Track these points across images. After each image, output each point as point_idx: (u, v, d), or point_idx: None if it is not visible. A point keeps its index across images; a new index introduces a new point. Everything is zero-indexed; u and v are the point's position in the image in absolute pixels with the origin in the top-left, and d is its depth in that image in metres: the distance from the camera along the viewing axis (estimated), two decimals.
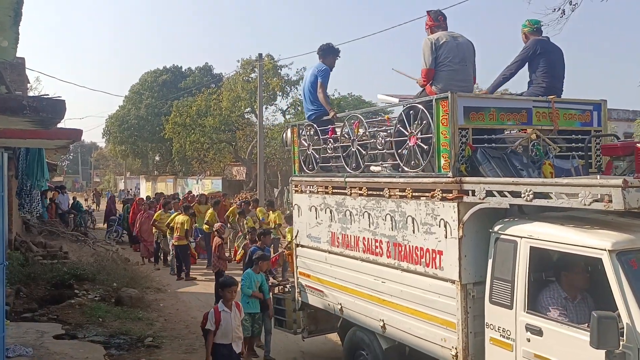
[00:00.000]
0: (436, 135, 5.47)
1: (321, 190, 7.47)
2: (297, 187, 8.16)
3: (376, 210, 6.39)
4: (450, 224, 5.34)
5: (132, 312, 10.57)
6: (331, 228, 7.27)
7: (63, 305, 10.24)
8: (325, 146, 7.46)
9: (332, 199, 7.21)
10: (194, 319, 10.71)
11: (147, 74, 50.38)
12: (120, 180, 62.31)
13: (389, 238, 6.21)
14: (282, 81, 33.31)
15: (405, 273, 5.96)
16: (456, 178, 5.27)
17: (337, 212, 7.13)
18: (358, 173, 6.75)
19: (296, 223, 8.23)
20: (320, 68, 7.74)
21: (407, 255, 5.93)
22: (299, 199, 8.09)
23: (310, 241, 7.77)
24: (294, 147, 8.23)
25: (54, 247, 15.14)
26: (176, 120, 37.00)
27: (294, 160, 8.28)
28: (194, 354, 8.60)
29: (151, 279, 14.28)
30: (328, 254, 7.35)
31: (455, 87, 5.82)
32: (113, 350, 8.34)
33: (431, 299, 5.60)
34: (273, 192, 30.95)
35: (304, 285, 7.97)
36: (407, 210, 5.90)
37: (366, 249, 6.59)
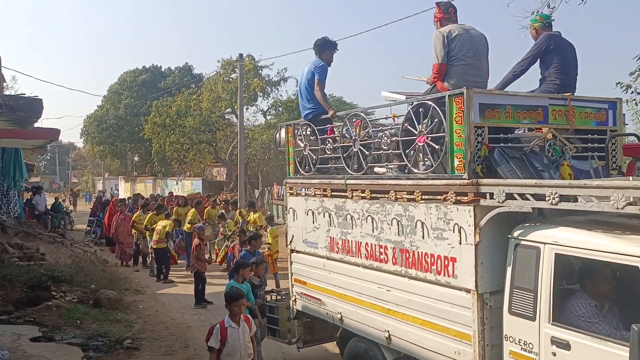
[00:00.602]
0: (449, 134, 5.11)
1: (319, 192, 7.07)
2: (292, 189, 7.74)
3: (381, 214, 6.00)
4: (465, 229, 4.96)
5: (110, 313, 10.45)
6: (330, 233, 6.86)
7: (40, 307, 10.11)
8: (324, 146, 7.05)
9: (331, 202, 6.82)
10: (174, 320, 10.70)
11: (126, 74, 49.87)
12: (98, 181, 61.57)
13: (394, 244, 5.81)
14: (263, 82, 33.17)
15: (414, 281, 5.58)
16: (472, 180, 4.90)
17: (336, 216, 6.73)
18: (360, 175, 6.37)
19: (291, 227, 7.79)
20: (317, 64, 7.35)
21: (415, 262, 5.55)
22: (294, 202, 7.69)
23: (307, 246, 7.38)
24: (289, 147, 7.85)
25: (31, 249, 14.88)
26: (156, 121, 36.69)
27: (289, 162, 7.87)
28: (174, 356, 8.55)
29: (130, 280, 14.17)
30: (326, 260, 6.96)
31: (469, 82, 5.43)
32: (91, 353, 8.24)
33: (443, 309, 5.21)
34: (254, 193, 30.84)
35: (300, 292, 7.57)
36: (415, 214, 5.52)
37: (369, 255, 6.19)
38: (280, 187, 26.25)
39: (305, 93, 7.44)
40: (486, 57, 6.01)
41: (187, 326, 10.32)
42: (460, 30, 5.82)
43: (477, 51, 5.84)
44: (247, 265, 7.93)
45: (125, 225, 16.84)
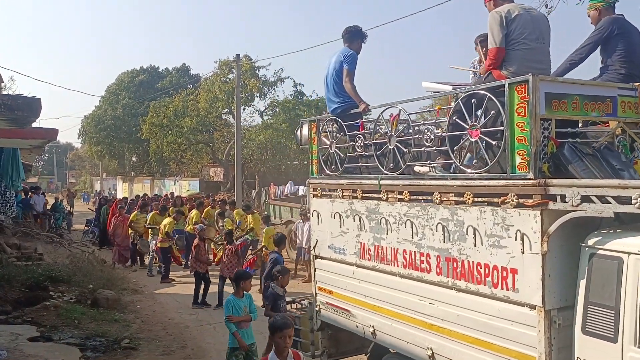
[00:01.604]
0: (509, 128, 4.45)
1: (347, 194, 6.40)
2: (315, 191, 7.07)
3: (422, 218, 5.34)
4: (529, 236, 4.29)
5: (108, 313, 10.38)
6: (360, 238, 6.20)
7: (38, 307, 10.04)
8: (353, 144, 6.39)
9: (362, 205, 6.15)
10: (171, 320, 10.66)
11: (124, 74, 49.78)
12: (96, 181, 61.45)
13: (439, 252, 5.15)
14: (260, 82, 33.00)
15: (463, 294, 4.91)
16: (539, 180, 4.23)
17: (368, 220, 6.07)
18: (396, 174, 5.70)
19: (314, 232, 7.16)
20: (346, 53, 6.67)
21: (465, 272, 4.88)
22: (319, 204, 7.02)
23: (333, 252, 6.71)
24: (312, 145, 7.19)
25: (29, 249, 14.85)
26: (153, 121, 36.51)
27: (312, 161, 7.23)
28: (171, 356, 8.51)
29: (128, 280, 14.16)
30: (356, 268, 6.29)
31: (532, 69, 4.70)
32: (89, 353, 8.19)
33: (500, 326, 4.53)
34: (251, 193, 30.77)
35: (325, 302, 6.90)
36: (465, 218, 4.85)
37: (408, 264, 5.53)
38: (277, 187, 26.18)
39: (333, 85, 6.78)
40: (549, 41, 5.27)
41: (185, 326, 10.27)
42: (520, 10, 5.12)
43: (540, 34, 5.11)
44: (247, 277, 7.32)
45: (123, 227, 16.64)
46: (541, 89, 4.35)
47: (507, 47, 5.06)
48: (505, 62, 5.09)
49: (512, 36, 5.02)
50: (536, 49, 5.07)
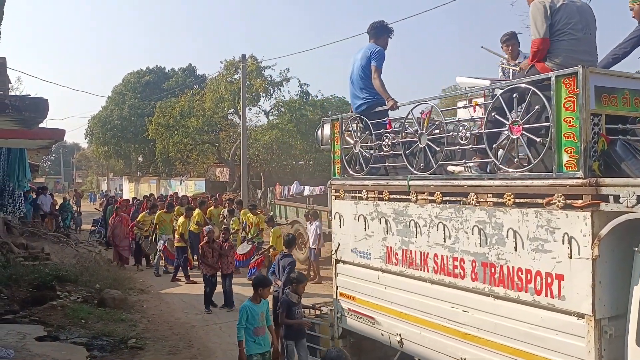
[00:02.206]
0: (556, 124, 4.16)
1: (373, 195, 6.12)
2: (338, 192, 6.76)
3: (456, 220, 5.03)
4: (577, 240, 3.99)
5: (115, 313, 10.38)
6: (387, 242, 5.89)
7: (45, 307, 10.04)
8: (380, 143, 6.11)
9: (389, 207, 5.85)
10: (178, 319, 10.66)
11: (130, 75, 49.92)
12: (103, 181, 61.64)
13: (474, 256, 4.83)
14: (266, 82, 33.03)
15: (502, 302, 4.58)
16: (589, 179, 3.94)
17: (395, 223, 5.77)
18: (427, 175, 5.41)
19: (336, 235, 6.81)
20: (373, 49, 6.46)
21: (504, 278, 4.55)
22: (341, 206, 6.71)
23: (356, 257, 6.40)
24: (334, 145, 6.91)
25: (36, 249, 14.93)
26: (159, 121, 36.59)
27: (334, 161, 6.94)
28: (178, 355, 8.51)
29: (134, 280, 14.17)
30: (381, 273, 5.99)
31: (578, 61, 4.44)
32: (96, 352, 8.18)
33: (544, 336, 4.22)
34: (256, 193, 30.79)
35: (347, 309, 6.57)
36: (505, 221, 4.53)
37: (439, 269, 5.21)
38: (283, 187, 26.17)
39: (358, 82, 6.54)
40: (595, 32, 4.98)
41: (191, 326, 10.28)
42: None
43: (586, 24, 4.83)
44: (268, 284, 6.91)
45: (121, 228, 16.39)
46: (591, 82, 4.06)
47: (551, 37, 4.78)
48: (550, 54, 4.81)
49: (557, 26, 4.75)
50: (583, 39, 4.80)
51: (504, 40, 7.07)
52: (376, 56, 6.39)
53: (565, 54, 4.73)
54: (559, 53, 4.76)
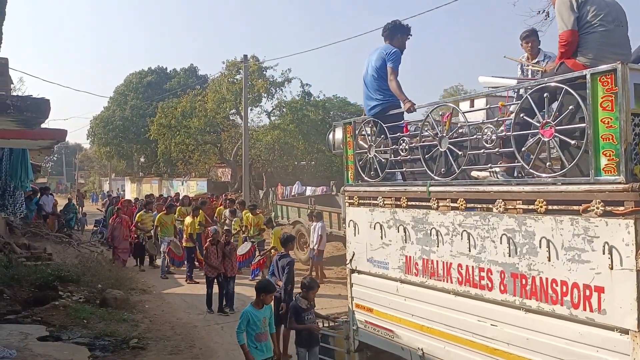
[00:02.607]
0: (593, 125, 3.92)
1: (390, 202, 5.84)
2: (352, 199, 6.48)
3: (481, 228, 4.75)
4: (619, 249, 3.74)
5: (117, 313, 10.40)
6: (405, 251, 5.62)
7: (47, 307, 10.05)
8: (396, 147, 5.84)
9: (407, 214, 5.59)
10: (179, 320, 10.67)
11: (132, 75, 50.03)
12: (105, 181, 61.74)
13: (503, 267, 4.54)
14: (267, 83, 33.02)
15: (534, 315, 4.29)
16: (631, 184, 3.70)
17: (414, 231, 5.50)
18: (449, 180, 5.15)
19: (351, 243, 6.53)
20: (388, 50, 6.24)
21: (537, 291, 4.26)
22: (355, 213, 6.43)
23: (373, 266, 6.11)
24: (347, 150, 6.62)
25: (38, 249, 14.94)
26: (161, 122, 36.59)
27: (347, 166, 6.66)
28: (180, 355, 8.52)
29: (136, 280, 14.19)
30: (400, 284, 5.71)
31: (612, 55, 4.32)
32: (98, 352, 8.19)
33: (582, 353, 3.96)
34: (258, 193, 30.82)
35: (364, 321, 6.27)
36: (537, 229, 4.24)
37: (464, 280, 4.92)
38: (285, 187, 26.19)
39: (372, 83, 6.33)
40: (627, 25, 4.71)
41: (193, 326, 10.29)
42: None
43: (616, 16, 4.58)
44: (271, 291, 6.73)
45: (121, 229, 16.18)
46: (630, 79, 3.82)
47: (581, 31, 4.56)
48: (580, 48, 4.56)
49: (586, 19, 4.53)
50: (615, 31, 4.55)
51: (524, 37, 6.91)
52: (392, 57, 6.17)
53: (597, 48, 4.49)
54: (591, 47, 4.51)
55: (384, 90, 6.22)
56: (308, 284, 7.34)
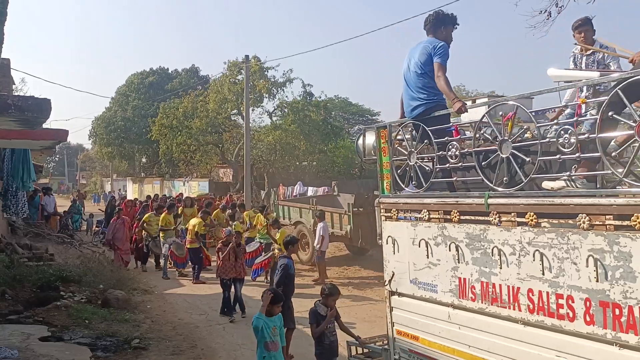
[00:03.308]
0: None
1: (437, 216, 5.16)
2: (389, 212, 5.80)
3: (559, 248, 4.06)
4: None
5: (118, 313, 10.41)
6: (459, 272, 4.92)
7: (49, 307, 10.06)
8: (445, 153, 5.20)
9: (460, 230, 4.88)
10: (181, 320, 10.67)
11: (134, 76, 50.07)
12: (106, 182, 61.83)
13: (589, 294, 3.88)
14: (269, 83, 33.04)
15: (632, 352, 3.65)
16: None
17: (469, 249, 4.79)
18: (513, 191, 4.47)
19: (389, 262, 5.83)
20: (434, 44, 5.64)
21: (636, 323, 3.62)
22: (394, 228, 5.73)
23: (417, 289, 5.42)
24: (381, 157, 5.96)
25: (40, 249, 14.95)
26: (163, 122, 36.57)
27: (382, 176, 5.97)
28: (181, 356, 8.51)
29: (138, 280, 14.21)
30: (453, 310, 5.01)
31: None
32: (100, 352, 8.19)
33: None
34: (260, 194, 30.84)
35: (407, 350, 5.61)
36: (634, 249, 3.60)
37: (537, 308, 4.21)
38: (286, 188, 26.16)
39: (415, 81, 5.72)
40: None
41: (195, 326, 10.29)
42: None
43: None
44: (279, 301, 6.24)
45: (123, 231, 16.04)
46: None
47: None
48: None
49: None
50: None
51: (576, 26, 6.31)
52: (439, 52, 5.57)
53: None
54: None
55: (429, 89, 5.64)
56: (328, 290, 6.89)
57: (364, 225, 15.23)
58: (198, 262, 14.68)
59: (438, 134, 5.33)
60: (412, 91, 5.75)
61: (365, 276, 14.96)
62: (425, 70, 5.64)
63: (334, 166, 33.46)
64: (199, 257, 14.74)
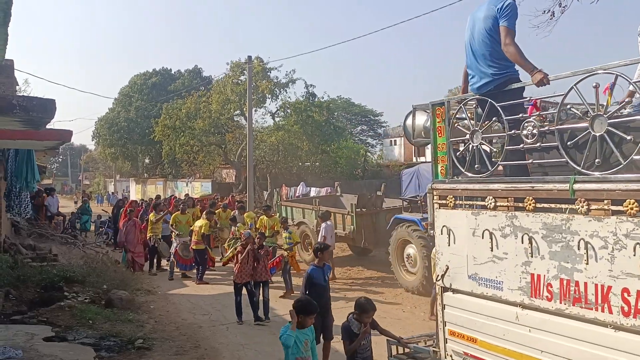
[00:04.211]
0: None
1: (505, 204, 4.56)
2: (444, 199, 5.23)
3: None
4: None
5: (122, 314, 10.39)
6: (531, 267, 4.31)
7: (53, 308, 10.05)
8: (519, 132, 4.57)
9: (535, 220, 4.26)
10: (185, 320, 10.67)
11: (137, 77, 50.22)
12: (110, 182, 61.94)
13: None
14: (272, 84, 33.08)
15: None
16: None
17: (547, 242, 4.18)
18: (607, 174, 3.89)
19: (442, 254, 5.27)
20: (499, 4, 4.87)
21: None
22: (450, 217, 5.17)
23: (477, 285, 4.85)
24: (436, 137, 5.38)
25: (44, 250, 14.94)
26: (166, 123, 36.65)
27: (437, 159, 5.41)
28: (185, 356, 8.50)
29: (141, 281, 14.21)
30: (522, 310, 4.41)
31: None
32: (103, 353, 8.16)
33: None
34: (262, 194, 30.84)
35: (462, 352, 5.06)
36: None
37: (634, 311, 3.65)
38: (289, 188, 26.17)
39: (482, 50, 5.02)
40: None
41: (198, 326, 10.28)
42: None
43: None
44: (312, 312, 5.66)
45: (135, 232, 15.80)
46: None
47: None
48: None
49: None
50: None
51: None
52: (506, 12, 4.81)
53: None
54: None
55: (500, 61, 4.91)
56: (361, 306, 6.17)
57: (367, 226, 15.23)
58: (202, 263, 14.67)
59: (509, 111, 4.71)
60: (479, 64, 5.07)
61: (369, 276, 14.95)
62: (493, 37, 4.92)
63: (337, 167, 33.48)
64: (203, 258, 14.73)
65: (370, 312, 6.16)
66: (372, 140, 58.42)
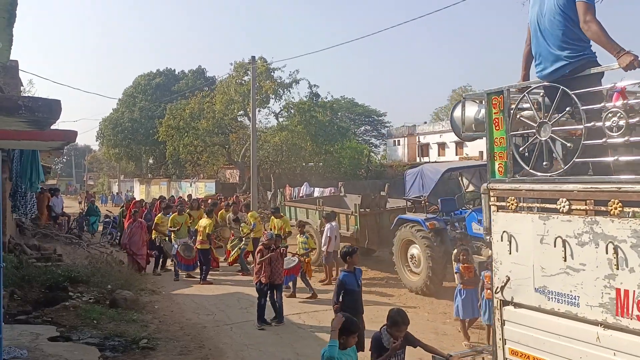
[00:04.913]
0: None
1: (582, 208, 3.96)
2: (504, 201, 4.64)
3: None
4: None
5: (126, 314, 10.40)
6: (617, 282, 3.70)
7: (57, 308, 10.07)
8: (601, 124, 3.89)
9: (622, 226, 3.66)
10: (189, 320, 10.67)
11: (141, 77, 50.40)
12: (114, 183, 62.09)
13: None
14: (275, 84, 33.12)
15: None
16: None
17: (636, 252, 3.60)
18: None
19: (502, 263, 4.63)
20: None
21: None
22: (511, 221, 4.54)
23: (546, 299, 4.23)
24: (492, 130, 4.78)
25: (48, 250, 14.97)
26: (170, 123, 36.71)
27: (494, 155, 4.79)
28: (189, 356, 8.50)
29: (146, 281, 14.24)
30: (604, 330, 3.80)
31: None
32: (108, 352, 8.18)
33: None
34: (266, 194, 30.87)
35: None
36: None
37: None
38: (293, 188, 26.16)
39: (554, 30, 4.40)
40: None
41: (202, 326, 10.28)
42: None
43: None
44: (354, 331, 5.23)
45: (140, 234, 15.68)
46: None
47: None
48: None
49: None
50: None
51: None
52: None
53: None
54: None
55: (576, 43, 4.31)
56: (392, 318, 5.75)
57: (370, 226, 15.21)
58: (206, 263, 14.69)
59: (585, 100, 4.07)
60: (549, 45, 4.45)
61: (372, 277, 14.92)
62: (567, 14, 4.29)
63: (341, 167, 33.50)
64: (207, 258, 14.74)
65: (402, 326, 5.71)
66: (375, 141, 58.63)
